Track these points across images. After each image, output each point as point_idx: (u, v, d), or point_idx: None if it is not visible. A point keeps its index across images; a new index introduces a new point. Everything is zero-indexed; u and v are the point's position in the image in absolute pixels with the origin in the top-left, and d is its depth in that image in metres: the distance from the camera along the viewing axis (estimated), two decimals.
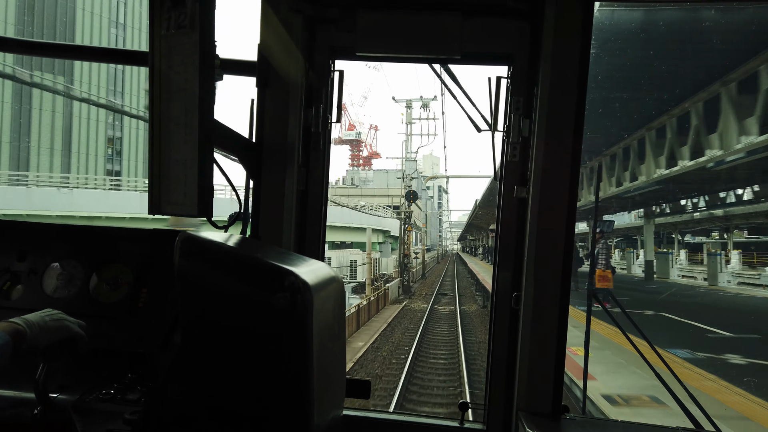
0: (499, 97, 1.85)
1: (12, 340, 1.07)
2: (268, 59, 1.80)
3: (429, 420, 1.96)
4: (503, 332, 1.86)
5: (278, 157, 1.81)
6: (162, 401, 1.12)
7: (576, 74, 1.63)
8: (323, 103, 1.91)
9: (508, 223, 1.85)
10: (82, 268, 1.59)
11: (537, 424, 1.54)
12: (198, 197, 1.21)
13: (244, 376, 1.07)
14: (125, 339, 1.44)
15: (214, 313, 1.07)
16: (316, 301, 1.02)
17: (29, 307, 1.49)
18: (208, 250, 1.08)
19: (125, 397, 1.29)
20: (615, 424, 1.59)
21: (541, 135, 1.66)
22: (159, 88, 1.25)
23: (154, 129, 1.26)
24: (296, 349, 1.01)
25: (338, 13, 1.87)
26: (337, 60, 1.99)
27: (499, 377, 1.87)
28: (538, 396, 1.66)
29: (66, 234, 1.69)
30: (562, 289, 1.65)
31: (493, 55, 1.89)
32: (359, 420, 1.90)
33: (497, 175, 1.94)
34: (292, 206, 1.83)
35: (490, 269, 6.67)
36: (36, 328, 1.15)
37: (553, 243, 1.66)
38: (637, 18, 8.39)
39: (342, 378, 1.40)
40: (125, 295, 1.53)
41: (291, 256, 1.23)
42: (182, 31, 1.21)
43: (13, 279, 1.57)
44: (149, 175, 1.28)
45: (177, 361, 1.11)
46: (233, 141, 1.63)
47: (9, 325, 1.11)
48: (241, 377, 1.07)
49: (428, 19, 1.82)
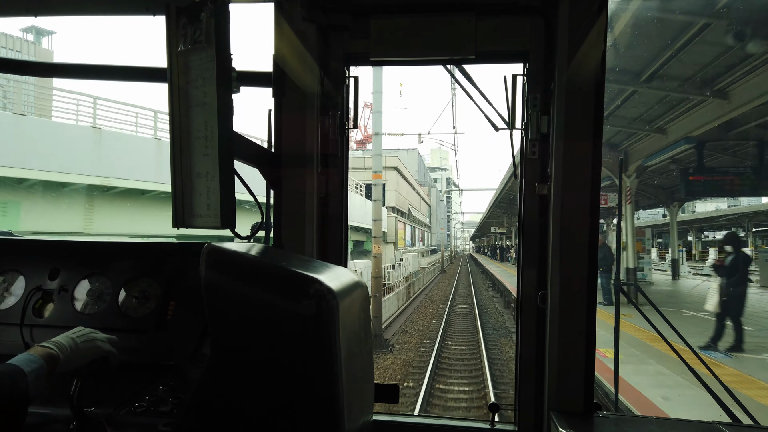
0: (516, 95, 1.83)
1: (46, 365, 1.08)
2: (284, 69, 1.82)
3: (459, 422, 1.94)
4: (531, 331, 1.83)
5: (297, 166, 1.83)
6: (194, 413, 1.13)
7: (593, 68, 1.60)
8: (339, 109, 1.92)
9: (530, 221, 1.83)
10: (111, 283, 1.62)
11: (569, 423, 1.51)
12: (221, 209, 1.23)
13: (273, 385, 1.07)
14: (155, 352, 1.46)
15: (241, 322, 1.08)
16: (342, 308, 1.02)
17: (61, 324, 1.53)
18: (233, 261, 1.09)
19: (158, 409, 1.31)
20: (649, 421, 1.56)
21: (560, 131, 1.63)
22: (178, 103, 1.27)
23: (175, 143, 1.29)
24: (324, 356, 1.01)
25: (351, 20, 1.88)
26: (352, 66, 2.00)
27: (528, 377, 1.84)
28: (569, 394, 1.63)
29: (94, 250, 1.72)
30: (588, 285, 1.62)
31: (508, 53, 1.87)
32: (388, 425, 1.89)
33: (517, 173, 1.92)
34: (312, 213, 1.84)
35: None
36: (68, 351, 1.15)
37: (577, 239, 1.63)
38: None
39: (370, 383, 1.39)
40: (154, 309, 1.56)
41: (314, 264, 1.24)
42: (198, 46, 1.24)
43: (45, 297, 1.62)
44: (172, 189, 1.30)
45: (207, 372, 1.13)
46: (253, 151, 1.65)
47: (43, 350, 1.11)
48: (270, 386, 1.07)
49: (441, 21, 1.82)
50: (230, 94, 1.28)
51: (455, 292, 28.54)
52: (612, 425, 1.54)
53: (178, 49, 1.27)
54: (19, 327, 1.54)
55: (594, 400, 1.65)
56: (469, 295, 26.37)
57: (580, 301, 1.63)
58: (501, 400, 9.51)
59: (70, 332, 1.23)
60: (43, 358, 1.08)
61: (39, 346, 1.13)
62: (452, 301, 24.05)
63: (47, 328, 1.55)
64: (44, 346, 1.13)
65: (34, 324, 1.57)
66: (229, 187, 1.26)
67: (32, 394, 1.01)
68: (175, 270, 1.61)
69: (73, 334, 1.22)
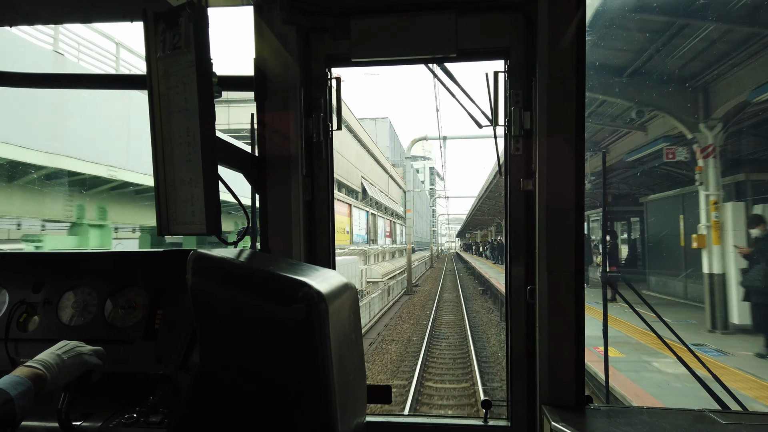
0: (498, 92, 1.84)
1: (33, 386, 1.05)
2: (265, 73, 1.81)
3: (452, 420, 1.95)
4: (520, 327, 1.85)
5: (282, 169, 1.82)
6: (185, 422, 1.12)
7: (574, 62, 1.62)
8: (323, 111, 1.92)
9: (516, 216, 1.85)
10: (96, 294, 1.60)
11: (562, 417, 1.52)
12: (206, 215, 1.22)
13: (265, 390, 1.06)
14: (144, 362, 1.45)
15: (230, 329, 1.07)
16: (332, 310, 1.01)
17: (47, 337, 1.50)
18: (220, 267, 1.08)
19: (148, 419, 1.30)
20: (641, 411, 1.57)
21: (543, 126, 1.65)
22: (159, 110, 1.26)
23: (157, 150, 1.27)
24: (315, 360, 1.01)
25: (332, 22, 1.88)
26: (333, 68, 1.99)
27: (519, 372, 1.85)
28: (561, 388, 1.65)
29: (78, 261, 1.70)
30: (576, 279, 1.64)
31: (490, 50, 1.88)
32: (382, 426, 1.89)
33: (502, 170, 1.93)
34: (299, 217, 1.83)
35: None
36: (54, 369, 1.13)
37: (563, 233, 1.64)
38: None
39: (363, 384, 1.39)
40: (141, 318, 1.54)
41: (303, 267, 1.23)
42: (178, 51, 1.22)
43: (29, 311, 1.59)
44: (156, 196, 1.28)
45: (198, 380, 1.12)
46: (237, 156, 1.64)
47: (29, 371, 1.08)
48: (262, 391, 1.07)
49: (422, 20, 1.82)
50: (212, 99, 1.27)
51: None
52: (604, 417, 1.56)
53: (157, 55, 1.25)
54: (3, 342, 1.52)
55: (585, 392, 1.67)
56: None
57: (568, 295, 1.64)
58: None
59: (55, 348, 1.19)
60: (30, 380, 1.05)
61: (25, 366, 1.10)
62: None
63: (32, 341, 1.52)
64: (30, 366, 1.10)
65: (18, 338, 1.54)
66: (214, 192, 1.25)
67: (20, 417, 0.99)
68: (162, 278, 1.60)
69: (59, 350, 1.19)
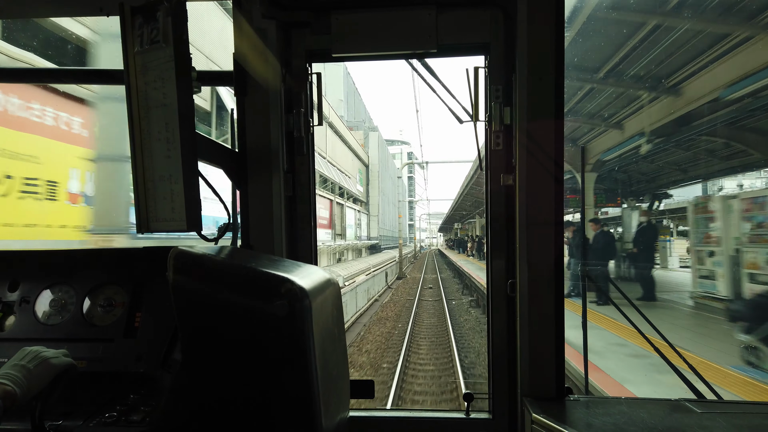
0: (478, 87, 1.85)
1: (3, 404, 1.01)
2: (245, 67, 1.80)
3: (435, 414, 1.96)
4: (501, 320, 1.87)
5: (263, 165, 1.81)
6: (167, 420, 1.11)
7: (553, 58, 1.64)
8: (303, 107, 1.91)
9: (497, 211, 1.87)
10: (74, 292, 1.57)
11: (542, 408, 1.55)
12: (186, 212, 1.21)
13: (247, 387, 1.06)
14: (124, 360, 1.43)
15: (212, 326, 1.06)
16: (315, 306, 1.02)
17: (24, 336, 1.48)
18: (201, 264, 1.07)
19: (129, 418, 1.28)
20: (619, 401, 1.61)
21: (523, 121, 1.66)
22: (137, 105, 1.24)
23: (135, 146, 1.25)
24: (298, 356, 1.01)
25: (312, 17, 1.87)
26: (314, 63, 1.98)
27: (500, 365, 1.88)
28: (541, 380, 1.68)
29: (55, 259, 1.67)
30: (556, 272, 1.66)
31: (470, 45, 1.89)
32: (365, 420, 1.90)
33: (482, 165, 1.95)
34: (281, 213, 1.82)
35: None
36: (23, 382, 1.08)
37: (543, 227, 1.67)
38: None
39: (346, 380, 1.40)
40: (121, 316, 1.52)
41: (285, 263, 1.23)
42: (156, 45, 1.21)
43: (5, 310, 1.55)
44: (134, 193, 1.26)
45: (179, 378, 1.11)
46: (217, 152, 1.62)
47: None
48: (245, 388, 1.06)
49: (403, 16, 1.83)
50: (191, 94, 1.25)
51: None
52: (583, 408, 1.59)
53: (134, 50, 1.23)
54: None
55: (565, 384, 1.70)
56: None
57: (548, 289, 1.67)
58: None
59: (17, 358, 1.14)
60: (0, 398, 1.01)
61: None
62: None
63: (8, 341, 1.49)
64: None
65: None
66: (194, 189, 1.23)
67: None
68: (141, 276, 1.58)
69: (21, 360, 1.14)
